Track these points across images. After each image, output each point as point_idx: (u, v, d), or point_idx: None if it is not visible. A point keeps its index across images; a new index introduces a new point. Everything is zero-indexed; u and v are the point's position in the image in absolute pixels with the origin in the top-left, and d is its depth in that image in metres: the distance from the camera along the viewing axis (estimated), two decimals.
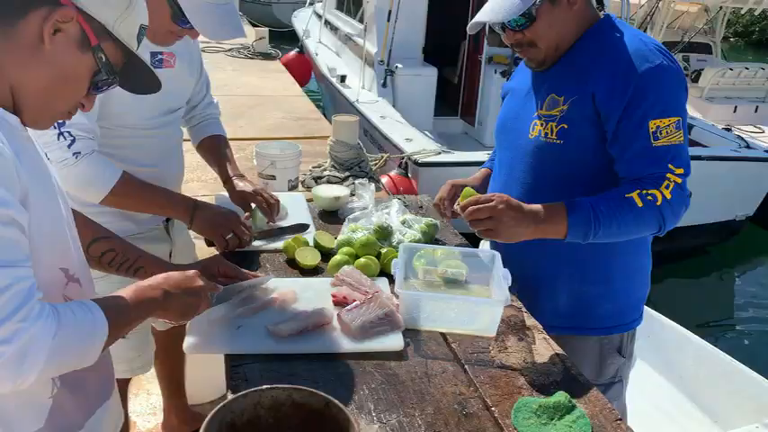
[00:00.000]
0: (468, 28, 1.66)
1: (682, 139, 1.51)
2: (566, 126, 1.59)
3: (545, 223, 1.49)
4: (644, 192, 1.47)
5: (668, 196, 1.47)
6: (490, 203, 1.46)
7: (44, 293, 0.98)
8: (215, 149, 2.07)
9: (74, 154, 1.55)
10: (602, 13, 1.65)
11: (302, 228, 1.98)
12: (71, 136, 1.54)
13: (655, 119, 1.49)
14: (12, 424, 1.00)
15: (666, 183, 1.48)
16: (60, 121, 1.46)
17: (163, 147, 1.85)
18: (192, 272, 1.26)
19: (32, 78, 0.94)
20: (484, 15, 1.58)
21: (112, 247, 1.36)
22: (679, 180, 1.49)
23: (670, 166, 1.49)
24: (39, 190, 0.96)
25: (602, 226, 1.48)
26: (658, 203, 1.47)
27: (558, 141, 1.60)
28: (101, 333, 0.98)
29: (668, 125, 1.49)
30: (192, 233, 2.16)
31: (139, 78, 1.10)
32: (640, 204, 1.47)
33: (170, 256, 2.00)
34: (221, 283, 1.44)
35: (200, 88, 2.08)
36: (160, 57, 1.76)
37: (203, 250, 2.14)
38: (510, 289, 1.52)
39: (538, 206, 1.51)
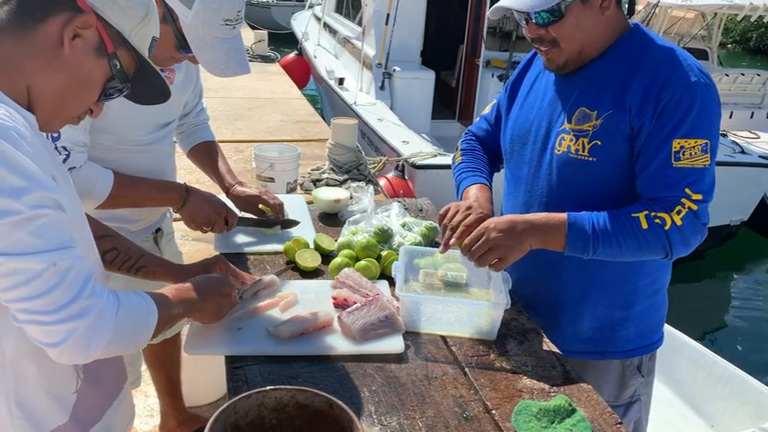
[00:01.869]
0: (489, 13, 1.56)
1: (707, 162, 1.41)
2: (599, 142, 1.48)
3: (545, 234, 1.45)
4: (652, 214, 1.39)
5: (678, 222, 1.38)
6: (482, 238, 1.44)
7: None
8: (210, 157, 2.08)
9: (69, 169, 1.53)
10: (631, 22, 1.55)
11: (291, 223, 1.97)
12: (66, 150, 1.53)
13: (680, 138, 1.40)
14: (40, 420, 1.03)
15: (679, 208, 1.39)
16: (55, 135, 1.46)
17: (157, 160, 1.85)
18: (220, 274, 1.40)
19: (50, 80, 0.96)
20: (509, 1, 1.45)
21: (115, 246, 1.36)
22: (695, 207, 1.39)
23: (687, 190, 1.40)
24: (62, 184, 0.98)
25: (602, 243, 1.42)
26: (666, 228, 1.38)
27: (591, 159, 1.49)
28: (152, 320, 1.04)
29: (693, 146, 1.40)
30: (178, 243, 2.22)
31: (147, 89, 1.12)
32: (645, 226, 1.39)
33: None
34: None
35: (194, 96, 2.08)
36: (164, 74, 1.76)
37: (189, 258, 2.16)
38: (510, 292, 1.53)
39: (539, 216, 1.47)
